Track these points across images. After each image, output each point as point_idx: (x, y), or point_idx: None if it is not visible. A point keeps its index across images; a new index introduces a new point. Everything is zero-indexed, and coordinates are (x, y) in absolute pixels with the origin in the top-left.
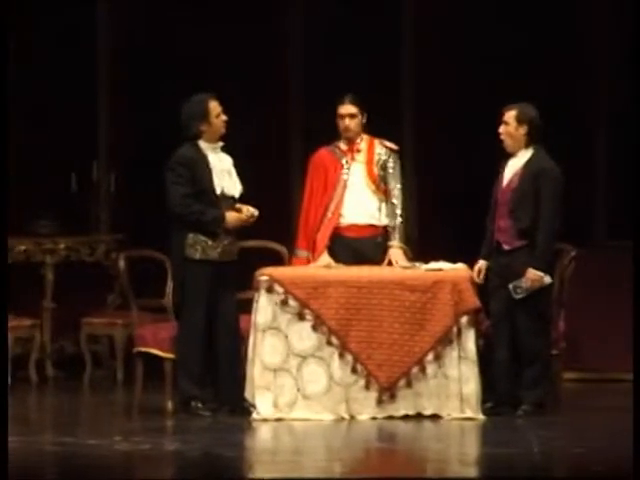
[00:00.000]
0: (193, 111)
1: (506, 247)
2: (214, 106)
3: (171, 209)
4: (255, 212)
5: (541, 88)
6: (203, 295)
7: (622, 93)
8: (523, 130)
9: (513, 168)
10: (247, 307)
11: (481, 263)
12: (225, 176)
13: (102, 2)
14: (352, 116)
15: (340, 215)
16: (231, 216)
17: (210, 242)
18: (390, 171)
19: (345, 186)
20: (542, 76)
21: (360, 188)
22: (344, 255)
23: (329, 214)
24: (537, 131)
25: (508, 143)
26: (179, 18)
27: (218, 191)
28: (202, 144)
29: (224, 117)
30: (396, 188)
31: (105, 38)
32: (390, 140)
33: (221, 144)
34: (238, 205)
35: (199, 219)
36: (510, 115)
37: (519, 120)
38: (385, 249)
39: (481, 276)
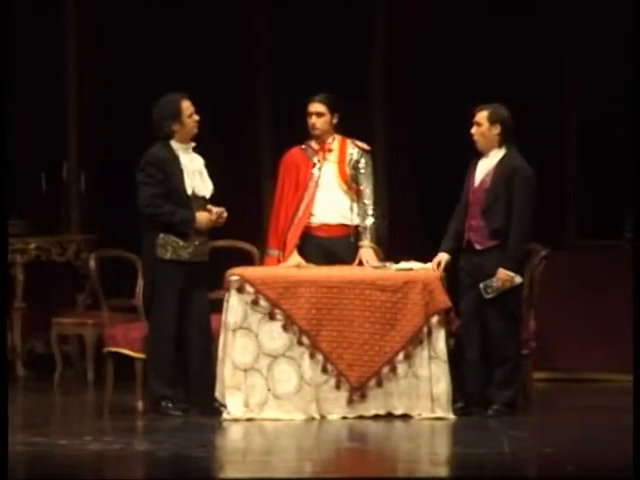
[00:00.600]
0: (165, 111)
1: (478, 247)
2: (187, 106)
3: (141, 209)
4: (224, 212)
5: (511, 88)
6: (174, 295)
7: (592, 93)
8: (496, 130)
9: (485, 168)
10: (218, 307)
11: (441, 255)
12: (196, 176)
13: (71, 2)
14: (319, 114)
15: (311, 214)
16: (201, 216)
17: (181, 242)
18: (362, 171)
19: (317, 185)
20: (512, 77)
21: (332, 188)
22: (315, 255)
23: (300, 213)
24: (509, 131)
25: (481, 143)
26: (150, 18)
27: (189, 191)
28: (174, 144)
29: (196, 117)
30: (368, 188)
31: (73, 37)
32: (362, 140)
33: (193, 144)
34: (209, 206)
35: (169, 220)
36: (482, 116)
37: (491, 120)
38: (356, 249)
39: (441, 267)
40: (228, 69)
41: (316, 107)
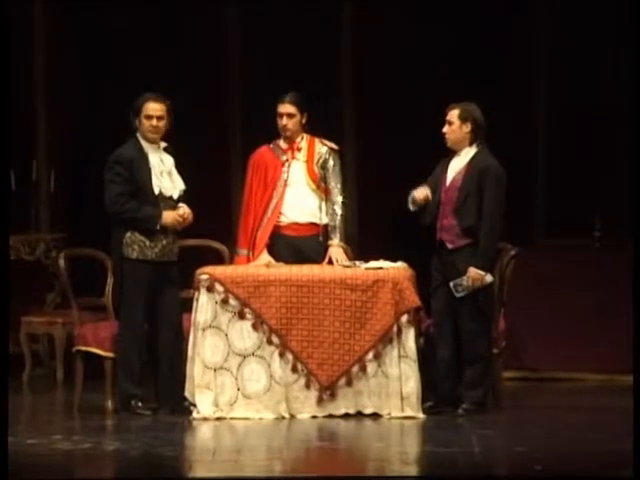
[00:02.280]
0: (133, 106)
1: (450, 246)
2: (149, 107)
3: (107, 208)
4: (188, 214)
5: (482, 88)
6: (142, 294)
7: (562, 93)
8: (467, 128)
9: (457, 167)
10: (187, 306)
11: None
12: (165, 177)
13: (39, 4)
14: (290, 115)
15: (280, 214)
16: (167, 214)
17: (148, 242)
18: (330, 170)
19: (286, 184)
20: (483, 76)
21: (300, 186)
22: (285, 254)
23: (269, 213)
24: (481, 128)
25: (452, 142)
26: (120, 18)
27: (156, 191)
28: (144, 143)
29: (154, 122)
30: (336, 187)
31: (42, 36)
32: (331, 139)
33: (164, 144)
34: (181, 204)
35: (134, 216)
36: (453, 114)
37: (462, 118)
38: (325, 248)
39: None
40: (197, 69)
41: (287, 108)
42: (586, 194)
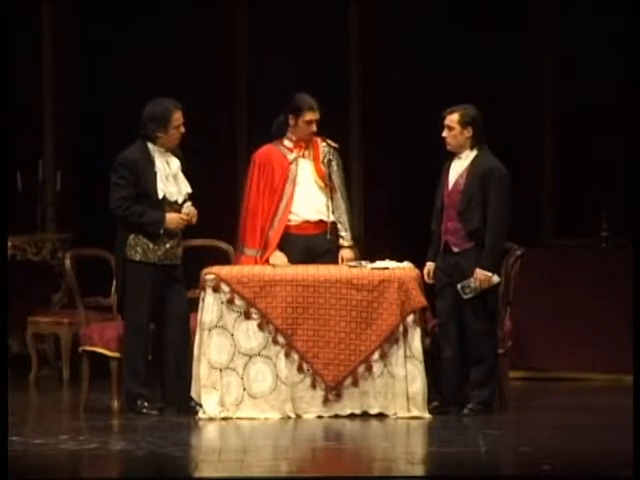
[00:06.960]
0: (155, 115)
1: (455, 249)
2: (177, 117)
3: (112, 211)
4: (192, 213)
5: (487, 89)
6: (145, 296)
7: (568, 92)
8: (468, 133)
9: (458, 169)
10: (193, 306)
11: (430, 264)
12: (170, 180)
13: (47, 5)
14: (318, 122)
15: (290, 212)
16: (171, 217)
17: (151, 245)
18: (335, 168)
19: (294, 183)
20: (488, 77)
21: (309, 185)
22: (294, 253)
23: (280, 213)
24: (481, 131)
25: (453, 146)
26: (126, 15)
27: (160, 195)
28: (151, 146)
29: (182, 130)
30: (341, 185)
31: (50, 36)
32: (337, 139)
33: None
34: (186, 204)
35: (138, 221)
36: (453, 119)
37: (463, 123)
38: (334, 245)
39: (431, 277)
40: (204, 68)
41: (317, 115)
42: (593, 194)
